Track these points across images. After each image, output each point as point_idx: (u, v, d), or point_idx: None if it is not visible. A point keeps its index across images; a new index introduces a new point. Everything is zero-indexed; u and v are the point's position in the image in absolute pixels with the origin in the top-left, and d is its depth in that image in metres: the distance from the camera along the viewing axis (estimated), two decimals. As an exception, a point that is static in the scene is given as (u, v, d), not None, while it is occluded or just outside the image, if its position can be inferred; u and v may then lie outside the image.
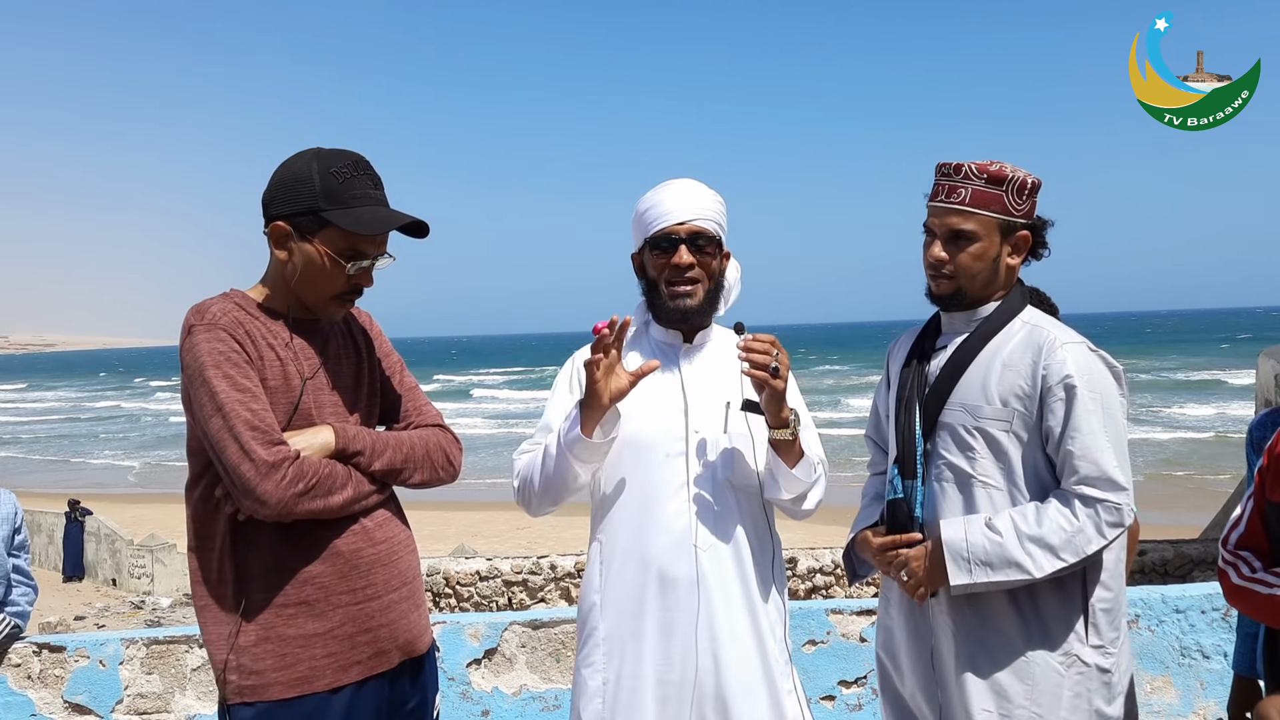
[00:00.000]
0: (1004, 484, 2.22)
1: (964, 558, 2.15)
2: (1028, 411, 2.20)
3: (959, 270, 2.26)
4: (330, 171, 2.03)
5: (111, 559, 19.02)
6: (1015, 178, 2.24)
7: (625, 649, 2.28)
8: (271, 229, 2.06)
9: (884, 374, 2.60)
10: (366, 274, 2.10)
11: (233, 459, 1.91)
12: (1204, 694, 4.18)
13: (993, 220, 2.24)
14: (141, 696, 3.97)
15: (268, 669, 1.99)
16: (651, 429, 2.33)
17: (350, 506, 2.05)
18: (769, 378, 2.18)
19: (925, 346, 2.39)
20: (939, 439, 2.28)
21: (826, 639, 4.12)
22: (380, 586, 2.09)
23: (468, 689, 4.07)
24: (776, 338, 2.22)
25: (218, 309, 2.03)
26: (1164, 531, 11.94)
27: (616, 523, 2.34)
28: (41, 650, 3.96)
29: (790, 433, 2.25)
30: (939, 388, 2.30)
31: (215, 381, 1.94)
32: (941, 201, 2.27)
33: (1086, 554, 2.13)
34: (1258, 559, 2.02)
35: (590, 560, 2.39)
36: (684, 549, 2.27)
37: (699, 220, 2.34)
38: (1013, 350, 2.24)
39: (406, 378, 2.33)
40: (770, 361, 2.18)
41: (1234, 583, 2.02)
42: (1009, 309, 2.30)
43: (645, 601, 2.28)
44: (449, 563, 9.92)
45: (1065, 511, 2.14)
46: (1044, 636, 2.19)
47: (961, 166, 2.25)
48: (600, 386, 2.20)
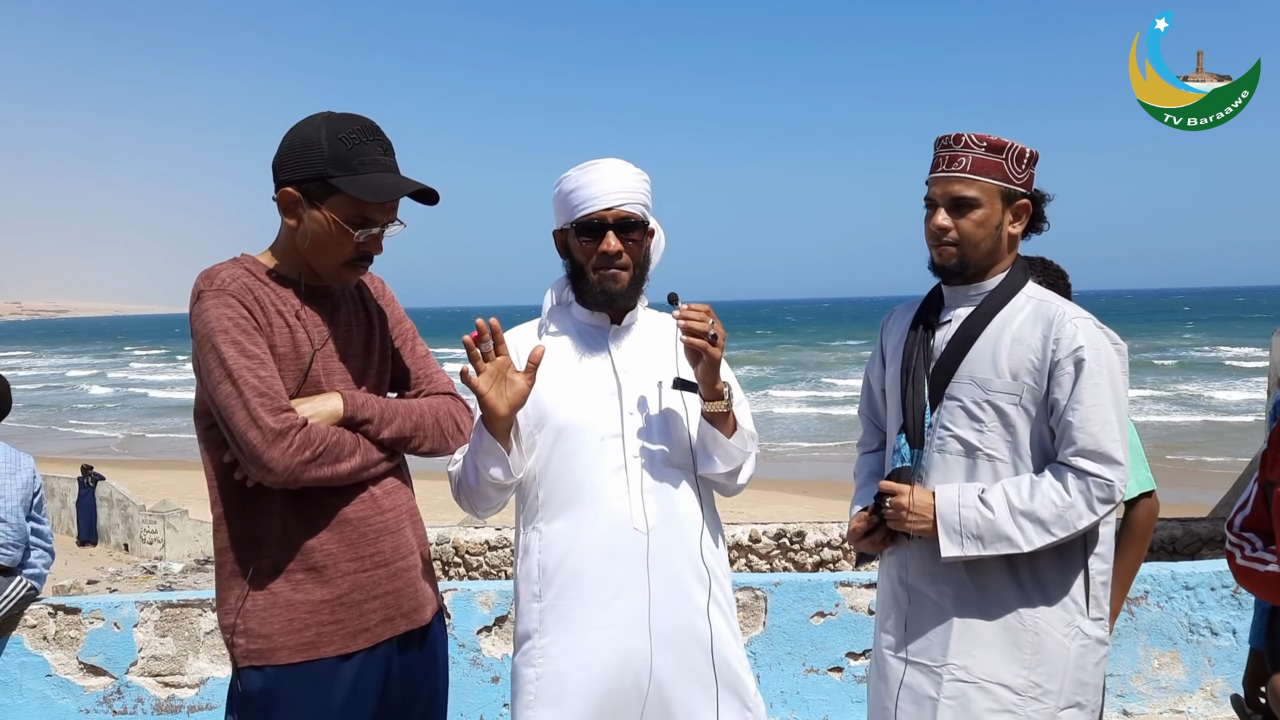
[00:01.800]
0: (1009, 457, 2.24)
1: (956, 530, 2.19)
2: (1037, 385, 2.22)
3: (963, 237, 2.27)
4: (339, 137, 1.99)
5: (123, 524, 19.17)
6: (1014, 146, 2.27)
7: (565, 639, 2.22)
8: (280, 195, 2.04)
9: (876, 349, 2.60)
10: (376, 241, 2.08)
11: (240, 426, 1.91)
12: (1211, 670, 4.19)
13: (994, 187, 2.25)
14: (155, 659, 4.02)
15: (275, 633, 2.00)
16: (585, 414, 2.28)
17: (358, 474, 2.04)
18: (708, 345, 2.15)
19: (929, 319, 2.39)
20: (944, 411, 2.29)
21: (835, 611, 4.14)
22: (388, 554, 2.09)
23: (478, 655, 4.11)
24: (711, 307, 2.19)
25: (227, 275, 2.02)
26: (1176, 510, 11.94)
27: (554, 511, 2.27)
28: (57, 612, 4.00)
29: (725, 404, 2.23)
30: (946, 361, 2.30)
31: (224, 348, 1.93)
32: (943, 171, 2.29)
33: (1077, 529, 2.16)
34: (1260, 539, 2.04)
35: (526, 551, 2.31)
36: (625, 532, 2.22)
37: (626, 205, 2.28)
38: (1021, 324, 2.26)
39: (418, 345, 2.31)
40: (708, 329, 2.14)
41: (1239, 563, 2.05)
42: (1013, 283, 2.31)
43: (587, 589, 2.22)
44: (458, 532, 9.97)
45: (1058, 486, 2.16)
46: (1046, 607, 2.22)
47: (961, 136, 2.27)
48: (491, 399, 2.11)
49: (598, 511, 2.23)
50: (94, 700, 3.98)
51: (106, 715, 3.98)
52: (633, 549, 2.22)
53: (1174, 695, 4.19)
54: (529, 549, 2.30)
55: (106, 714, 3.98)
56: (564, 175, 2.33)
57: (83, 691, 3.97)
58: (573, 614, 2.22)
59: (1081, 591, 2.24)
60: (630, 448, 2.27)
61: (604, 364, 2.32)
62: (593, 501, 2.24)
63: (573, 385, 2.28)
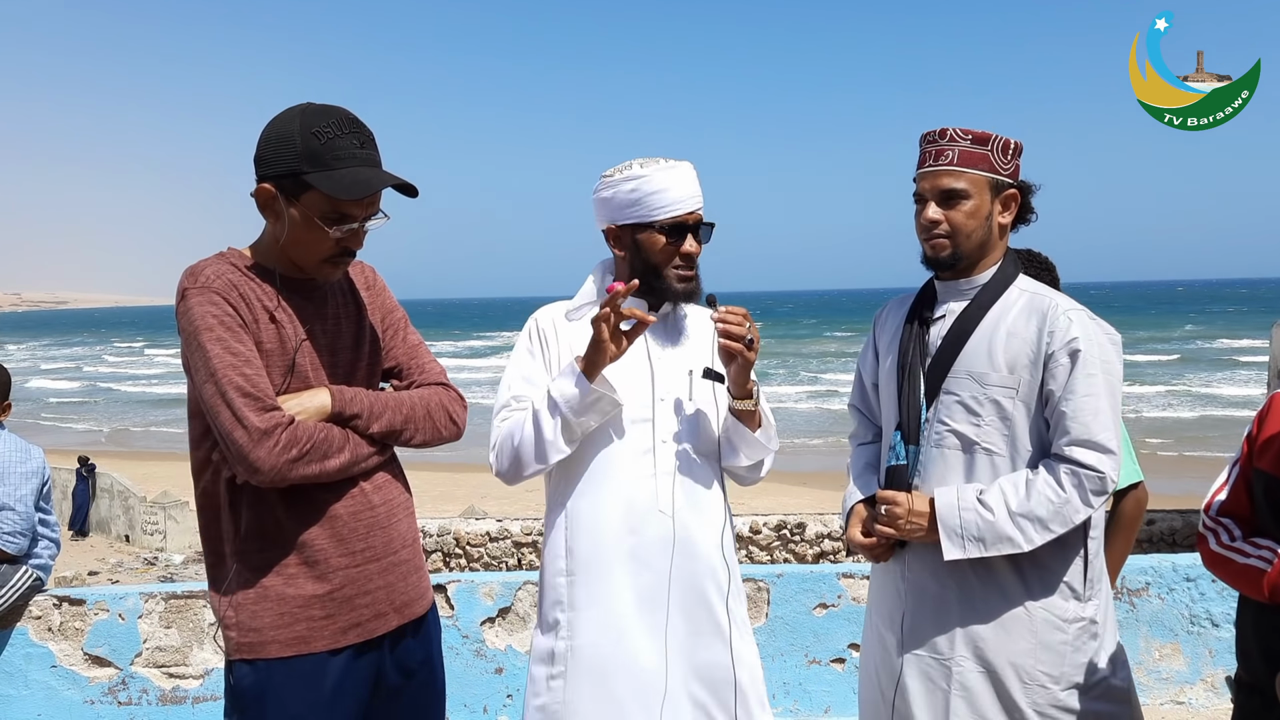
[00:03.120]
0: (1006, 450, 2.27)
1: (957, 533, 2.22)
2: (1033, 378, 2.25)
3: (955, 229, 2.30)
4: (312, 132, 1.95)
5: (124, 515, 19.19)
6: (998, 138, 2.30)
7: (589, 615, 2.30)
8: (257, 191, 2.01)
9: (869, 343, 2.62)
10: (355, 236, 2.05)
11: (225, 425, 1.90)
12: (1212, 661, 4.20)
13: (982, 178, 2.29)
14: (160, 650, 4.03)
15: (266, 627, 1.99)
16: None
17: (348, 470, 2.03)
18: (743, 349, 2.27)
19: (923, 315, 2.41)
20: (941, 406, 2.32)
21: (838, 603, 4.15)
22: (379, 549, 2.08)
23: (481, 647, 4.12)
24: (748, 311, 2.30)
25: (211, 271, 1.99)
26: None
27: (584, 490, 2.35)
28: (62, 603, 4.01)
29: (753, 403, 2.35)
30: (942, 356, 2.33)
31: (209, 346, 1.91)
32: (930, 166, 2.32)
33: (1074, 523, 2.20)
34: (1238, 527, 2.00)
35: (554, 529, 2.39)
36: (651, 514, 2.31)
37: (700, 209, 2.40)
38: (1016, 318, 2.28)
39: (410, 334, 2.29)
40: (745, 334, 2.26)
41: (1211, 549, 2.01)
42: (1005, 276, 2.34)
43: (612, 568, 2.30)
44: (459, 524, 9.99)
45: (1052, 483, 2.19)
46: (1047, 596, 2.25)
47: (946, 131, 2.31)
48: (607, 345, 2.23)
49: (625, 492, 2.32)
50: (99, 691, 3.99)
51: (112, 706, 3.99)
52: (658, 530, 2.30)
53: (1175, 686, 4.20)
54: (557, 525, 2.38)
55: (112, 705, 3.99)
56: (634, 173, 2.36)
57: (88, 682, 3.99)
58: (598, 590, 2.31)
59: (1079, 576, 2.27)
60: (660, 433, 2.35)
61: (640, 351, 2.38)
62: (621, 482, 2.32)
63: (609, 368, 2.33)
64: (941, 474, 2.31)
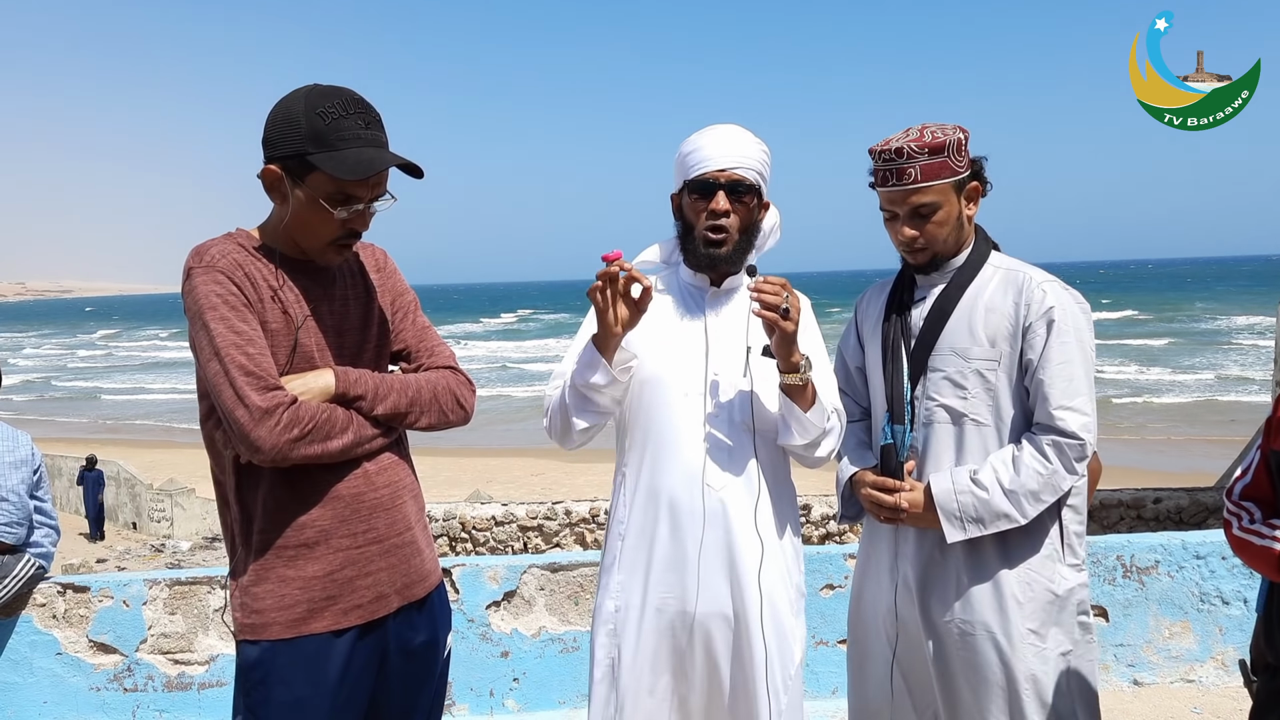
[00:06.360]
0: (992, 420, 2.37)
1: (956, 516, 2.33)
2: (1014, 350, 2.35)
3: (931, 241, 2.39)
4: (317, 112, 1.95)
5: (131, 503, 19.27)
6: (951, 140, 2.34)
7: (635, 578, 2.38)
8: (263, 173, 2.00)
9: (851, 327, 2.70)
10: (360, 218, 2.04)
11: (228, 404, 1.89)
12: (1222, 639, 4.18)
13: (947, 185, 2.36)
14: (165, 636, 4.02)
15: (268, 608, 2.00)
16: (670, 369, 2.39)
17: (351, 451, 2.02)
18: (779, 319, 2.20)
19: (904, 299, 2.50)
20: (928, 383, 2.42)
21: (844, 584, 4.13)
22: (382, 531, 2.07)
23: (487, 630, 4.11)
24: (788, 280, 2.24)
25: (217, 250, 1.99)
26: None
27: (636, 457, 2.42)
28: (66, 590, 4.00)
29: (800, 377, 2.27)
30: (925, 336, 2.43)
31: (213, 325, 1.91)
32: (895, 186, 2.36)
33: (1063, 490, 2.33)
34: (1260, 509, 2.01)
35: (616, 491, 2.48)
36: (695, 486, 2.33)
37: (740, 169, 2.35)
38: (993, 293, 2.39)
39: (419, 318, 2.28)
40: (780, 303, 2.19)
41: (1234, 533, 2.03)
42: (979, 255, 2.45)
43: (656, 533, 2.36)
44: (465, 508, 9.99)
45: (1038, 456, 2.30)
46: (1033, 557, 2.36)
47: (902, 149, 2.33)
48: (609, 315, 2.23)
49: (673, 463, 2.36)
50: (104, 678, 3.99)
51: (117, 693, 3.99)
52: (699, 502, 2.34)
53: (1185, 664, 4.19)
54: (618, 488, 2.47)
55: (117, 691, 3.99)
56: (686, 138, 2.43)
57: (93, 669, 3.98)
58: (641, 555, 2.37)
59: (1057, 541, 2.38)
60: (710, 406, 2.37)
61: (697, 325, 2.42)
62: (670, 453, 2.37)
63: (665, 341, 2.40)
64: (934, 448, 2.41)
